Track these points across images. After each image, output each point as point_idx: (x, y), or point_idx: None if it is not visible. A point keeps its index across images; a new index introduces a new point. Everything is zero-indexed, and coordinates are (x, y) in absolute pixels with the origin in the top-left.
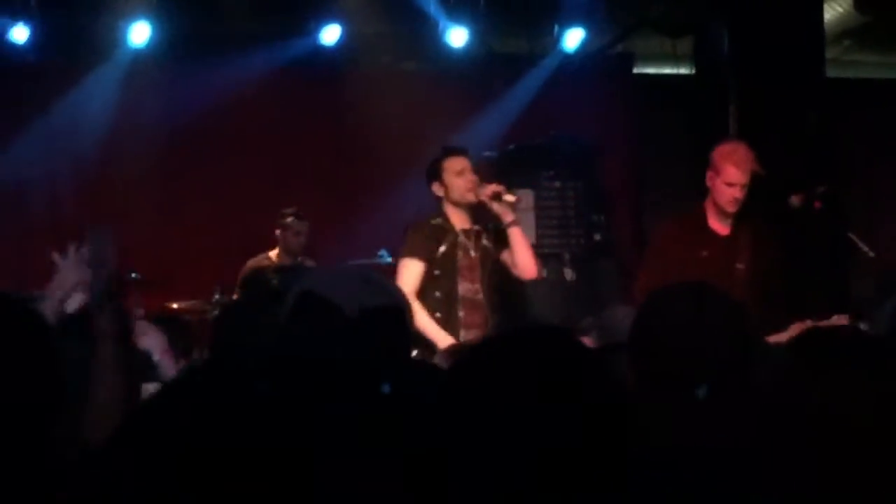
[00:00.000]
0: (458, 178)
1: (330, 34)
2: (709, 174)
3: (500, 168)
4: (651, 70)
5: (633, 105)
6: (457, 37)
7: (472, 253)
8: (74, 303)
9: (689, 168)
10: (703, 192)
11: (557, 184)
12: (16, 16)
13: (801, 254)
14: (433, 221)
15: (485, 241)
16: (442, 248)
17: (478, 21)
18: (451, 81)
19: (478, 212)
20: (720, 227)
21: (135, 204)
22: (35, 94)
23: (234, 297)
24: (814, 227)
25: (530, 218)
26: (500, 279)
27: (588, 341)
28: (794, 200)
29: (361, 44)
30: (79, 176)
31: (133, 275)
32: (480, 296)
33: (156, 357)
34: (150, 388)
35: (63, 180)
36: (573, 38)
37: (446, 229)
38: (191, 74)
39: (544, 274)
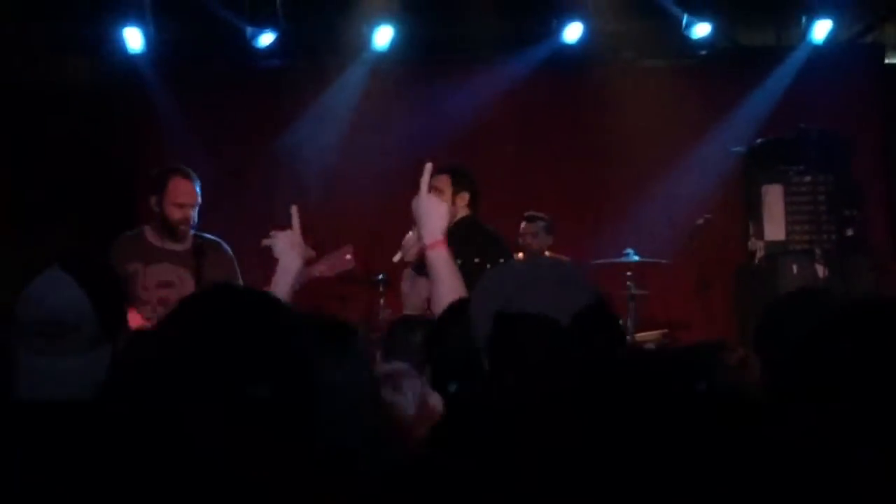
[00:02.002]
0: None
1: (572, 32)
2: None
3: (749, 163)
4: None
5: (885, 96)
6: (700, 31)
7: None
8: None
9: None
10: None
11: (808, 178)
12: (262, 22)
13: None
14: None
15: None
16: None
17: (721, 14)
18: (695, 77)
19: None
20: None
21: (378, 204)
22: (281, 97)
23: None
24: None
25: (780, 213)
26: None
27: None
28: None
29: (604, 41)
30: (324, 176)
31: (379, 276)
32: None
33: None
34: None
35: (310, 180)
36: (821, 29)
37: None
38: (433, 76)
39: None
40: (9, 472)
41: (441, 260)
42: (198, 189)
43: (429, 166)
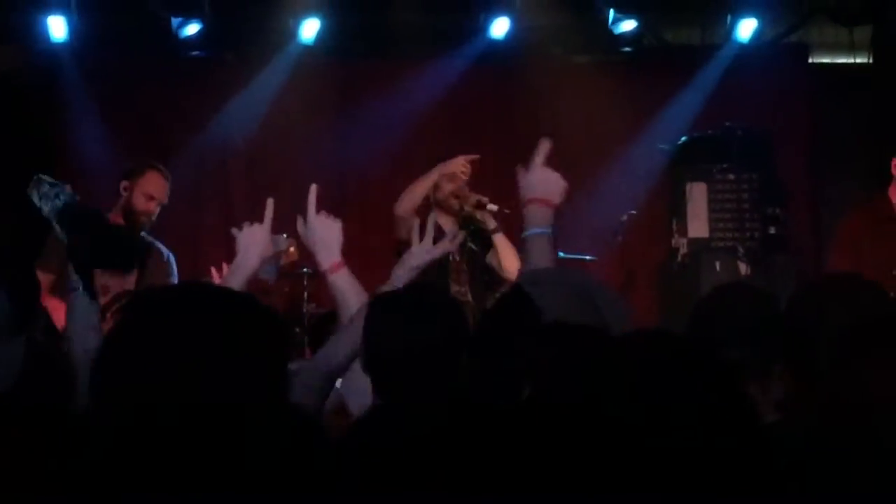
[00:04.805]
0: (449, 183)
1: (499, 27)
2: (894, 161)
3: (674, 161)
4: (827, 59)
5: (809, 95)
6: (627, 28)
7: (457, 256)
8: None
9: (867, 159)
10: (884, 182)
11: (731, 176)
12: (187, 12)
13: None
14: None
15: (470, 245)
16: None
17: (648, 12)
18: (622, 74)
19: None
20: None
21: (302, 199)
22: (206, 89)
23: None
24: None
25: (703, 211)
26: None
27: None
28: None
29: (531, 36)
30: (249, 170)
31: (304, 269)
32: (468, 297)
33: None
34: None
35: (235, 174)
36: (747, 28)
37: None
38: (361, 71)
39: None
40: None
41: (344, 281)
42: (167, 191)
43: (314, 187)
